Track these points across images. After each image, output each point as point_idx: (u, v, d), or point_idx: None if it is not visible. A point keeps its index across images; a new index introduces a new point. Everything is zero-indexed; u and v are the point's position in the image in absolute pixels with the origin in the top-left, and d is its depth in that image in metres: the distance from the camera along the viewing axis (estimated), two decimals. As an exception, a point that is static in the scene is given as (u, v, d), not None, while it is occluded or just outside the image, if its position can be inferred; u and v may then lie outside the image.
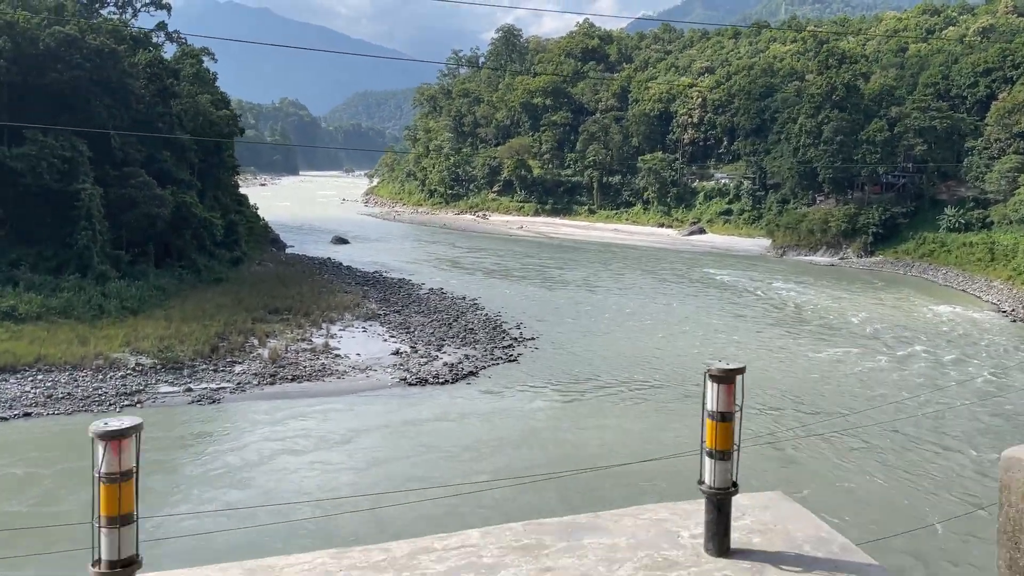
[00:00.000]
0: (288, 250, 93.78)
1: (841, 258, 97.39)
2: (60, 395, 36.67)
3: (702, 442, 3.36)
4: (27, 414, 34.91)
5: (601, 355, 49.01)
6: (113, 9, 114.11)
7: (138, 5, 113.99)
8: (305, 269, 74.87)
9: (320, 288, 63.21)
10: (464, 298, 66.29)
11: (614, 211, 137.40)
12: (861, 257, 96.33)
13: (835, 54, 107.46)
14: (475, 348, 49.37)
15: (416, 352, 47.61)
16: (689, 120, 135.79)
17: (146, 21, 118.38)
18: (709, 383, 3.37)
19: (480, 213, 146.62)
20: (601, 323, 59.07)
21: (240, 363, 42.67)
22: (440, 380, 42.29)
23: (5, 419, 34.32)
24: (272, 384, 40.34)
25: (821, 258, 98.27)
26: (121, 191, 57.12)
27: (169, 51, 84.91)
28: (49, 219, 51.67)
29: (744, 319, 61.38)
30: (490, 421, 35.43)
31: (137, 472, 3.36)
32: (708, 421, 3.30)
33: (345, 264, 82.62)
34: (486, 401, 38.72)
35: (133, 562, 3.17)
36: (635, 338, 53.71)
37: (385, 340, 50.27)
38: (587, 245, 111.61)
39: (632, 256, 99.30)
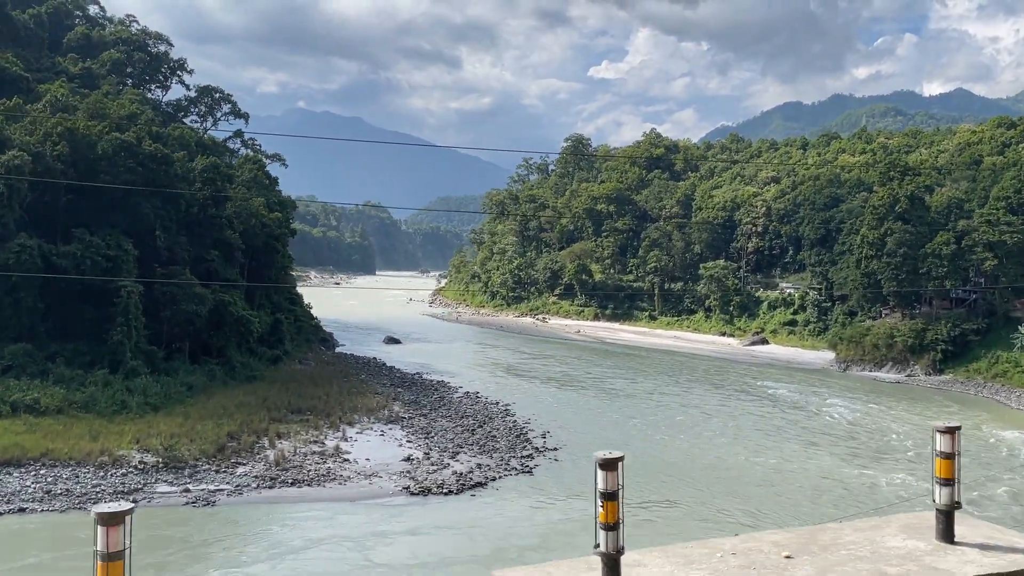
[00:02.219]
0: (338, 349, 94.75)
1: (908, 375, 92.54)
2: (58, 491, 36.80)
3: (596, 517, 3.69)
4: (22, 509, 35.05)
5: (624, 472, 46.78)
6: (195, 117, 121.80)
7: (218, 115, 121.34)
8: (345, 369, 75.19)
9: (350, 389, 63.09)
10: (498, 403, 65.11)
11: (675, 318, 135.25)
12: (929, 375, 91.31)
13: (897, 166, 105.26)
14: (492, 457, 47.92)
15: (428, 459, 46.47)
16: (753, 229, 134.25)
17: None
18: (598, 470, 3.68)
19: (540, 316, 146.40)
20: (631, 434, 56.85)
21: (244, 464, 42.30)
22: (444, 490, 40.92)
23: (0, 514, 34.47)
24: (271, 488, 39.71)
25: (887, 374, 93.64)
26: (164, 289, 58.88)
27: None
28: (89, 315, 53.42)
29: (786, 438, 58.14)
30: (470, 537, 33.80)
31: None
32: (602, 502, 3.64)
33: (389, 364, 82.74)
34: (479, 515, 37.11)
35: None
36: (664, 452, 51.34)
37: (400, 445, 49.34)
38: (644, 352, 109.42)
39: (686, 364, 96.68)
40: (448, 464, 45.75)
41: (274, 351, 70.73)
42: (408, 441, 50.36)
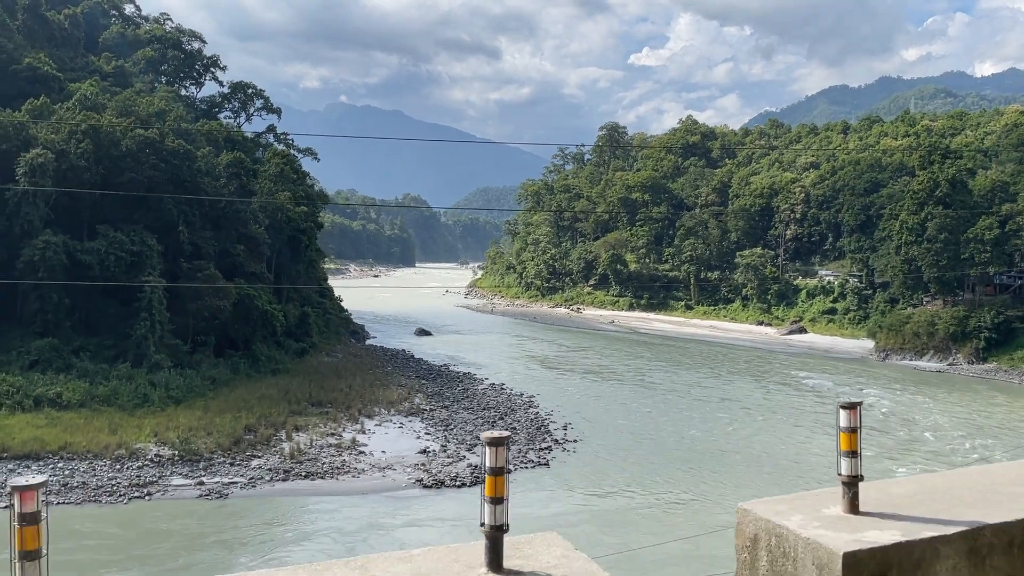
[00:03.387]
0: (369, 341, 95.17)
1: (950, 364, 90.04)
2: (75, 484, 37.39)
3: (482, 492, 3.78)
4: (38, 501, 35.58)
5: (640, 463, 46.24)
6: (229, 113, 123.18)
7: (251, 110, 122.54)
8: (371, 361, 75.47)
9: (374, 381, 63.26)
10: (522, 395, 64.79)
11: (712, 307, 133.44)
12: (972, 363, 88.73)
13: (938, 149, 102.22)
14: (509, 449, 47.54)
15: (444, 451, 46.34)
16: (792, 216, 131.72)
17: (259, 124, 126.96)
18: (486, 447, 3.83)
19: (574, 306, 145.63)
20: (651, 426, 56.13)
21: (259, 457, 42.58)
22: (457, 483, 40.75)
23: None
24: (284, 480, 39.91)
25: (927, 363, 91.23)
26: (189, 283, 59.55)
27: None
28: (114, 310, 54.27)
29: (808, 430, 56.84)
30: (469, 530, 33.36)
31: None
32: (488, 477, 3.80)
33: (417, 356, 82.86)
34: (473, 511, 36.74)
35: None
36: (684, 446, 50.52)
37: (418, 437, 49.30)
38: (677, 341, 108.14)
39: (726, 356, 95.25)
40: (464, 457, 45.57)
41: (300, 344, 71.24)
42: (426, 433, 50.30)
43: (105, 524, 33.67)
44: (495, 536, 3.69)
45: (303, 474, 40.67)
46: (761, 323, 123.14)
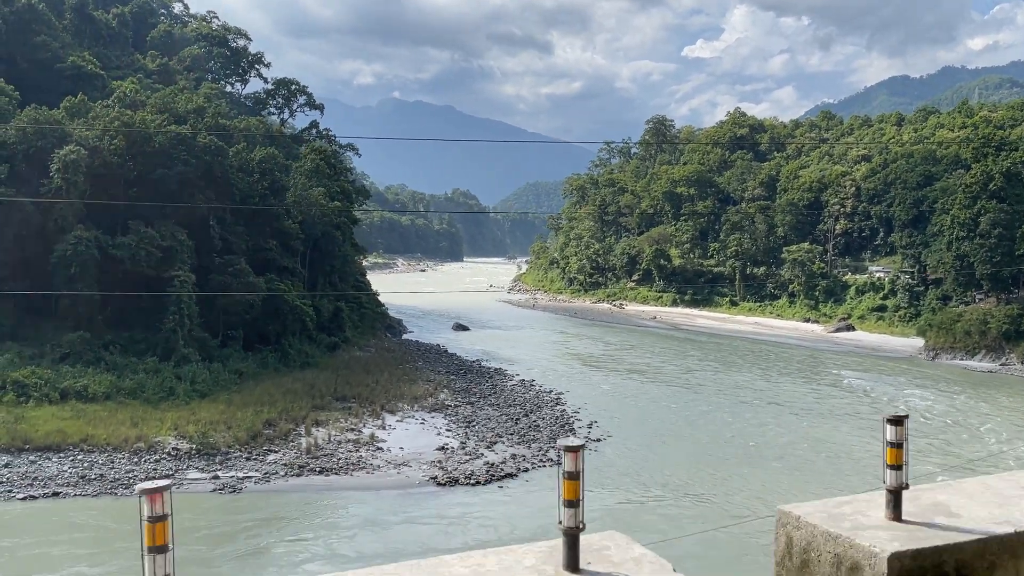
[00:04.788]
0: (406, 335, 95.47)
1: (1003, 364, 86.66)
2: (93, 476, 38.01)
3: (559, 496, 4.05)
4: (56, 493, 36.31)
5: (666, 465, 45.29)
6: (272, 109, 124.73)
7: (295, 106, 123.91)
8: (403, 356, 75.58)
9: (402, 376, 63.29)
10: (551, 391, 64.20)
11: (757, 303, 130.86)
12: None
13: (992, 141, 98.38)
14: (530, 447, 47.11)
15: (463, 448, 46.03)
16: (841, 210, 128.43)
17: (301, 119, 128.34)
18: (564, 453, 4.11)
19: (617, 302, 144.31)
20: (684, 426, 55.03)
21: (276, 451, 42.80)
22: (472, 481, 40.39)
23: (34, 497, 35.82)
24: (299, 476, 40.02)
25: (979, 363, 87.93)
26: (220, 277, 60.29)
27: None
28: (144, 304, 55.12)
29: (854, 434, 55.06)
30: (466, 529, 33.12)
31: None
32: (565, 481, 4.07)
33: (451, 351, 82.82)
34: (491, 507, 36.38)
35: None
36: (719, 449, 49.24)
37: (439, 434, 49.07)
38: (721, 338, 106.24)
39: (765, 353, 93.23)
40: (482, 454, 45.18)
41: (333, 338, 71.64)
42: (448, 430, 50.06)
43: (114, 517, 34.09)
44: (572, 536, 3.86)
45: (317, 469, 40.74)
46: (807, 320, 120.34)
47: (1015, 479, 4.54)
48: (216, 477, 39.08)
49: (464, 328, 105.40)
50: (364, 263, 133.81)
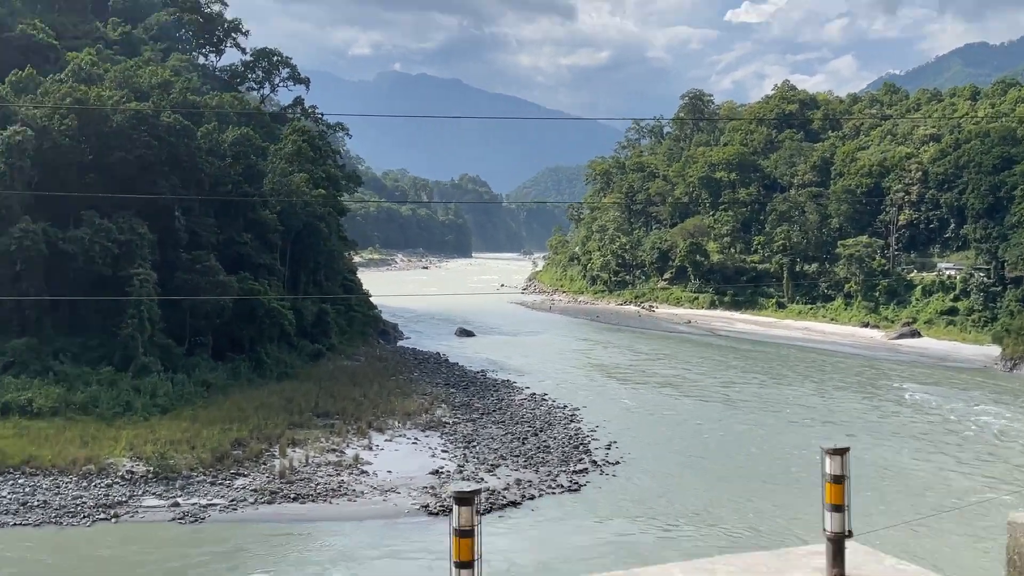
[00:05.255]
0: (402, 342, 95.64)
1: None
2: (35, 503, 38.15)
3: (823, 498, 4.23)
4: (-8, 522, 36.40)
5: (695, 493, 45.02)
6: (252, 84, 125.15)
7: (276, 80, 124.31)
8: (397, 366, 75.71)
9: (394, 389, 63.35)
10: (565, 407, 64.09)
11: (809, 306, 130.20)
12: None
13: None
14: (538, 471, 46.96)
15: (461, 473, 45.93)
16: (906, 198, 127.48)
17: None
18: (826, 458, 4.28)
19: (646, 304, 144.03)
20: (719, 449, 54.75)
21: (245, 475, 42.84)
22: (469, 510, 40.20)
23: (-36, 528, 35.95)
24: (270, 503, 40.02)
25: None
26: (186, 276, 60.48)
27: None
28: (99, 306, 55.36)
29: (903, 456, 54.52)
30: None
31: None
32: (827, 484, 4.23)
33: (452, 360, 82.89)
34: (491, 538, 35.61)
35: None
36: (758, 476, 48.81)
37: (433, 455, 49.01)
38: (765, 346, 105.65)
39: (819, 363, 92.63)
40: (483, 479, 45.03)
41: (316, 345, 71.80)
42: (443, 451, 49.99)
43: (55, 550, 34.21)
44: (838, 541, 4.27)
45: (292, 496, 40.73)
46: (866, 325, 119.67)
47: None
48: (176, 504, 39.13)
49: (469, 334, 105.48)
50: (356, 259, 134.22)
